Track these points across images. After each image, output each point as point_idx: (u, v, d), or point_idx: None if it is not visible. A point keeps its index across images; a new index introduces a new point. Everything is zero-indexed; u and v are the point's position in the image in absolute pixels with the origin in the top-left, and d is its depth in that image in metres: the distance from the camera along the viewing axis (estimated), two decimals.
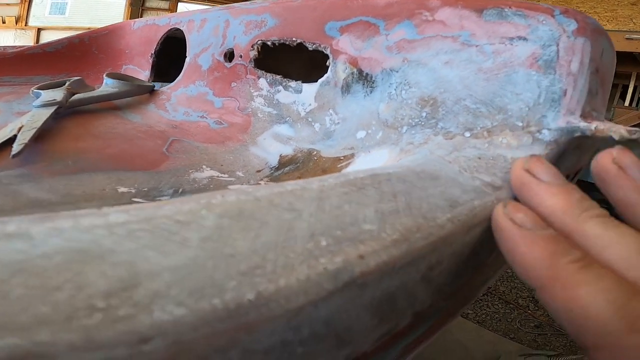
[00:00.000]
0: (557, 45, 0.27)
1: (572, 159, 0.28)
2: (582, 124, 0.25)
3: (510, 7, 0.29)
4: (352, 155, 0.35)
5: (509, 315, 1.79)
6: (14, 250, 0.10)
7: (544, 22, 0.28)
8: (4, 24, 5.43)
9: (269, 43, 0.46)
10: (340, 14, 0.39)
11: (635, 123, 3.52)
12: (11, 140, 0.40)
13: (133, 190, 0.31)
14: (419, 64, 0.32)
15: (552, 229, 0.17)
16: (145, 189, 0.32)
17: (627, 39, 3.40)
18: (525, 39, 0.28)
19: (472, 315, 1.75)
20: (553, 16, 0.28)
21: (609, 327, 0.14)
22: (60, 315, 0.08)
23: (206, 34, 0.58)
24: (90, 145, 0.42)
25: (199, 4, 6.11)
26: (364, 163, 0.33)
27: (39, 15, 5.63)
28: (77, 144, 0.42)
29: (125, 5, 5.85)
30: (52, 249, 0.10)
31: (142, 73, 0.76)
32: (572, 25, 0.27)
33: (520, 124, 0.27)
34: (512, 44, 0.28)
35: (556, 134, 0.25)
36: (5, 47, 0.93)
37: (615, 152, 0.19)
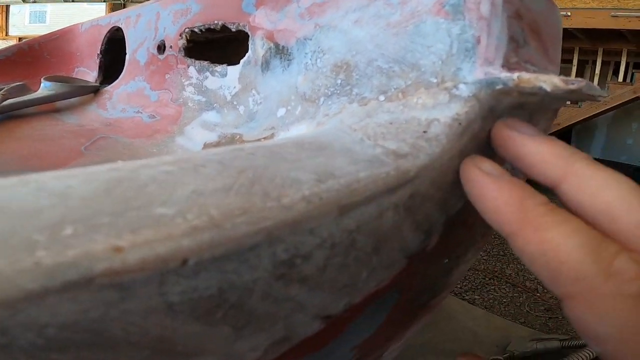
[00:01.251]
0: None
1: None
2: (504, 75, 0.22)
3: None
4: (272, 135, 0.32)
5: (517, 299, 1.75)
6: None
7: None
8: None
9: (195, 30, 0.44)
10: None
11: (631, 98, 3.51)
12: None
13: None
14: (329, 27, 0.29)
15: (516, 178, 0.18)
16: None
17: (612, 16, 3.37)
18: None
19: (479, 301, 1.73)
20: None
21: (583, 271, 0.14)
22: None
23: (141, 29, 0.55)
24: (7, 147, 0.39)
25: None
26: None
27: (19, 24, 5.56)
28: None
29: (106, 11, 5.79)
30: None
31: (91, 74, 0.73)
32: None
33: (435, 80, 0.24)
34: None
35: (474, 87, 0.22)
36: None
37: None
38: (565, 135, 4.79)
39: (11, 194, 0.11)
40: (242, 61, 0.37)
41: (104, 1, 5.75)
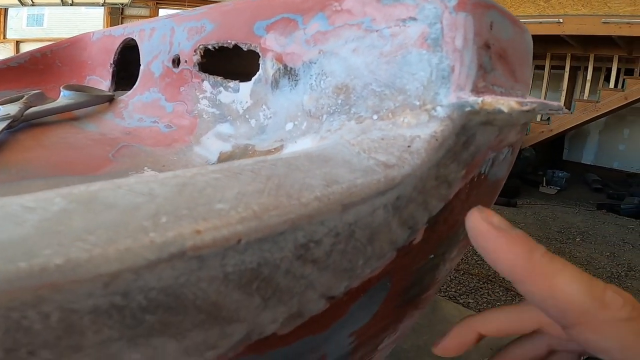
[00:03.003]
0: (441, 22, 0.28)
1: (488, 135, 0.29)
2: (471, 99, 0.26)
3: None
4: (281, 147, 0.36)
5: (510, 303, 1.79)
6: None
7: (429, 0, 0.29)
8: None
9: (209, 47, 0.48)
10: (266, 13, 0.40)
11: (622, 104, 3.57)
12: None
13: None
14: (332, 54, 0.34)
15: (519, 230, 0.20)
16: None
17: (603, 23, 3.43)
18: (415, 19, 0.29)
19: (474, 304, 1.77)
20: None
21: (586, 306, 0.18)
22: None
23: (156, 42, 0.59)
24: (37, 155, 0.43)
25: (179, 9, 6.11)
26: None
27: (17, 27, 5.58)
28: (24, 154, 0.43)
29: (104, 15, 5.83)
30: None
31: (104, 83, 0.77)
32: (453, 1, 0.28)
33: (418, 103, 0.28)
34: (405, 26, 0.29)
35: (448, 109, 0.26)
36: None
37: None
38: (557, 141, 4.84)
39: (113, 195, 0.16)
40: (253, 79, 0.42)
41: (102, 5, 5.77)
